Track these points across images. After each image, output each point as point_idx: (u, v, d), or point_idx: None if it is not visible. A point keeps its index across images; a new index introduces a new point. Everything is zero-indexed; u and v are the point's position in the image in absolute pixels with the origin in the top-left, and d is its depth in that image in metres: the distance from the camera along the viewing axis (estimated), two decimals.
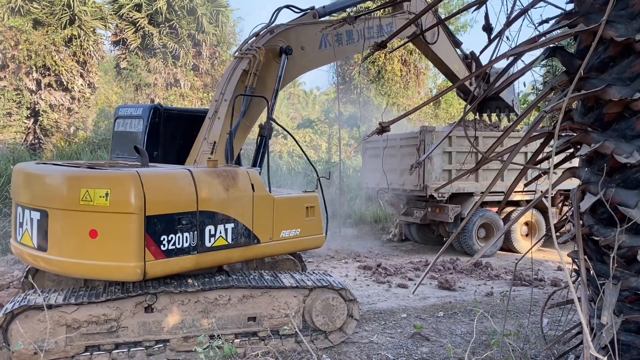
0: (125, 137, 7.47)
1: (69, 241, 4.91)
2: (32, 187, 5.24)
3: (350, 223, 16.33)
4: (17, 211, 5.38)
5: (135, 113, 7.34)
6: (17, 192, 5.45)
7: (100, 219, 4.79)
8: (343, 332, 5.92)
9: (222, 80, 6.96)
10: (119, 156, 7.41)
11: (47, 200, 5.00)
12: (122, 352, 5.17)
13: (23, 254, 5.35)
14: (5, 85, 19.18)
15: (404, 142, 12.06)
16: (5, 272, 7.93)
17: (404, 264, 10.47)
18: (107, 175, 4.95)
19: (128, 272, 4.89)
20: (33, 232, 5.09)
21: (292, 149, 23.05)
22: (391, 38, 4.85)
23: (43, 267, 5.30)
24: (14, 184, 5.61)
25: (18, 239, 5.38)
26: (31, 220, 5.09)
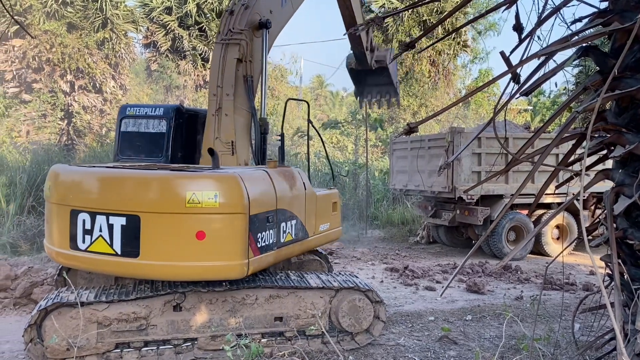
0: (141, 137, 7.09)
1: (171, 244, 4.83)
2: (113, 191, 5.01)
3: (377, 225, 16.28)
4: (79, 218, 4.99)
5: (154, 113, 7.04)
6: (81, 198, 5.08)
7: (208, 221, 4.83)
8: (369, 333, 5.90)
9: (212, 71, 6.38)
10: (132, 158, 6.95)
11: (138, 204, 4.84)
12: (151, 350, 5.25)
13: (91, 261, 5.04)
14: (41, 88, 19.70)
15: (432, 143, 11.96)
16: (40, 269, 8.13)
17: (432, 267, 10.38)
18: (215, 177, 4.99)
19: (235, 270, 4.96)
20: (114, 239, 4.87)
21: (318, 150, 23.07)
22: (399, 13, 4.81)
23: (130, 273, 5.13)
24: (72, 189, 5.16)
25: (82, 247, 5.00)
26: (110, 226, 4.87)
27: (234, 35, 6.30)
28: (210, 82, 6.34)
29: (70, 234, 5.03)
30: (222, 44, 6.30)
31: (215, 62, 6.29)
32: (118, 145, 7.13)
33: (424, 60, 24.94)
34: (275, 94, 25.00)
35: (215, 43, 6.33)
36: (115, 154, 7.16)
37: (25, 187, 13.14)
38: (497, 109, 3.75)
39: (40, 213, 12.44)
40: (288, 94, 26.83)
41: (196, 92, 23.06)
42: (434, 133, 17.09)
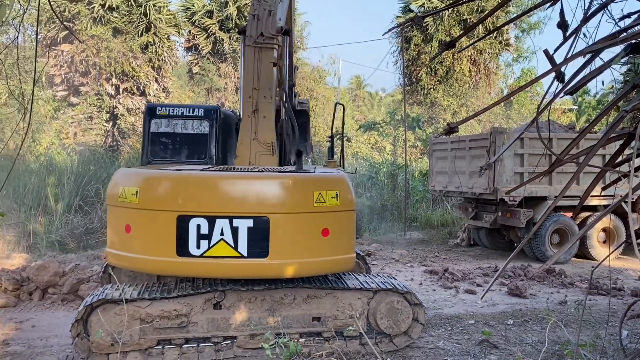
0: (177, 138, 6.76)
1: (299, 242, 5.08)
2: (236, 195, 5.04)
3: (416, 227, 16.12)
4: (190, 223, 4.91)
5: (194, 113, 6.73)
6: (194, 203, 4.98)
7: (331, 218, 5.15)
8: (408, 336, 5.85)
9: (247, 74, 6.31)
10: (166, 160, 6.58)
11: (267, 206, 4.99)
12: (192, 347, 5.35)
13: (208, 266, 5.04)
14: (87, 91, 20.36)
15: (473, 143, 11.77)
16: (86, 266, 8.40)
17: (472, 270, 10.21)
18: (334, 178, 5.40)
19: (349, 263, 5.40)
20: (239, 241, 4.94)
21: (356, 151, 23.02)
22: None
23: (257, 274, 5.20)
24: (180, 195, 4.99)
25: (195, 252, 4.94)
26: (234, 229, 4.93)
27: (267, 39, 6.33)
28: (245, 85, 6.32)
29: (177, 240, 4.91)
30: (254, 48, 6.31)
31: (249, 65, 6.31)
32: (148, 147, 6.63)
33: (464, 59, 24.57)
34: (314, 95, 25.08)
35: (247, 46, 6.29)
36: (145, 155, 6.64)
37: (73, 187, 13.61)
38: (540, 109, 3.67)
39: (87, 212, 12.86)
40: (326, 95, 26.88)
41: (236, 94, 23.36)
42: (475, 133, 16.81)
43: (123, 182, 5.19)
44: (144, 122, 6.74)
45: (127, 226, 5.07)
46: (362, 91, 50.85)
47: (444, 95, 24.81)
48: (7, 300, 7.33)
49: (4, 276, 7.63)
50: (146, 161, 6.54)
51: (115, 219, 5.29)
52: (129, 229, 5.06)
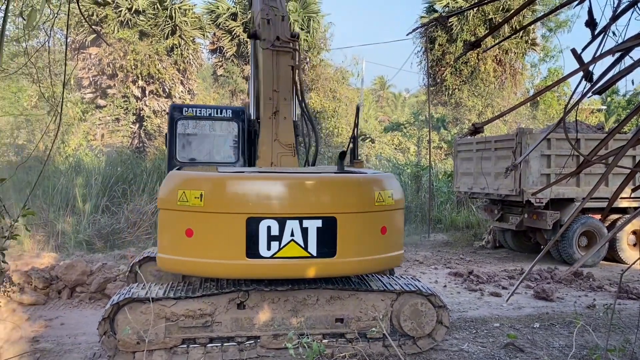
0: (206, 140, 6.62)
1: (362, 241, 5.28)
2: (307, 196, 5.18)
3: (441, 228, 15.99)
4: (261, 225, 4.99)
5: (222, 115, 6.55)
6: (265, 205, 5.05)
7: (388, 216, 5.48)
8: (432, 338, 5.81)
9: (266, 76, 6.38)
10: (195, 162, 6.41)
11: (335, 206, 5.15)
12: (216, 347, 5.40)
13: (278, 267, 5.12)
14: (114, 93, 20.71)
15: (499, 144, 11.63)
16: (113, 266, 8.55)
17: (498, 272, 10.09)
18: (388, 178, 5.78)
19: (400, 259, 5.78)
20: (309, 241, 5.05)
21: (380, 152, 22.94)
22: None
23: (325, 273, 5.31)
24: (251, 197, 5.04)
25: (265, 254, 5.02)
26: (304, 230, 5.05)
27: (283, 43, 6.46)
28: (265, 87, 6.40)
29: (247, 242, 4.96)
30: (271, 51, 6.41)
31: (268, 68, 6.39)
32: (175, 148, 6.45)
33: (490, 59, 24.29)
34: (337, 97, 25.07)
35: (264, 50, 6.37)
36: (172, 157, 6.46)
37: (100, 187, 13.86)
38: (567, 109, 3.61)
39: (114, 212, 13.07)
40: (349, 96, 26.84)
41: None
42: (501, 134, 16.61)
43: (182, 186, 5.10)
44: (169, 123, 6.50)
45: (189, 230, 5.00)
46: (385, 92, 50.66)
47: (468, 95, 24.56)
48: (37, 298, 7.49)
49: (34, 275, 7.81)
50: (173, 164, 6.35)
51: (172, 223, 5.18)
52: (191, 233, 5.00)
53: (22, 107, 20.06)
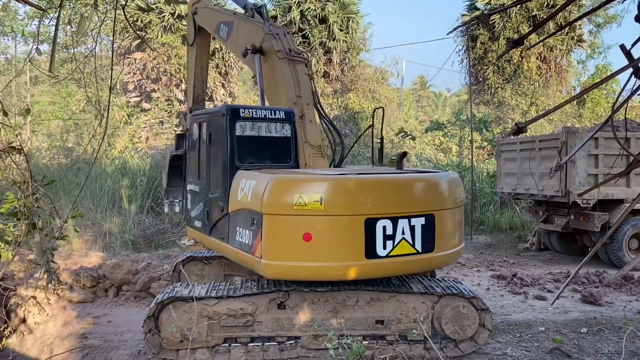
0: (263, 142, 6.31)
1: (451, 236, 5.63)
2: (413, 195, 5.40)
3: (483, 230, 15.69)
4: (377, 225, 5.07)
5: (275, 116, 6.31)
6: (381, 205, 5.14)
7: (460, 212, 5.90)
8: (474, 341, 5.71)
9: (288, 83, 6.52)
10: (254, 165, 6.10)
11: (434, 204, 5.42)
12: (257, 346, 5.47)
13: (392, 265, 5.23)
14: (159, 97, 21.23)
15: (543, 144, 11.32)
16: (157, 265, 8.76)
17: (543, 275, 9.82)
18: (459, 177, 6.13)
19: (462, 252, 6.09)
20: (416, 239, 5.25)
21: (420, 152, 22.71)
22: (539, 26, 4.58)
23: (426, 267, 5.72)
24: (368, 199, 5.09)
25: (381, 253, 5.10)
26: (412, 227, 5.22)
27: (295, 54, 6.74)
28: (289, 93, 6.55)
29: (366, 243, 5.02)
30: (288, 60, 6.64)
31: (288, 75, 6.58)
32: (235, 151, 6.03)
33: (534, 57, 23.70)
34: (376, 97, 24.97)
35: (281, 59, 6.58)
36: (232, 160, 6.02)
37: (145, 189, 14.22)
38: (616, 107, 3.49)
39: (158, 213, 13.39)
40: (389, 96, 26.70)
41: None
42: (546, 133, 16.18)
43: (298, 190, 4.99)
44: (226, 125, 6.08)
45: (307, 235, 4.96)
46: (426, 91, 50.14)
47: (512, 94, 24.03)
48: (85, 296, 7.74)
49: (83, 273, 8.08)
50: (234, 168, 5.94)
51: (286, 228, 5.04)
52: (309, 238, 4.95)
53: (71, 111, 20.82)
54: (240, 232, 5.47)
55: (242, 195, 5.41)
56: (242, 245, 5.43)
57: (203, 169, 6.46)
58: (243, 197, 5.37)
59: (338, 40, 23.27)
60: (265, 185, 5.05)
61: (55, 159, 18.15)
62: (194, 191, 6.82)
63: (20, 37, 23.76)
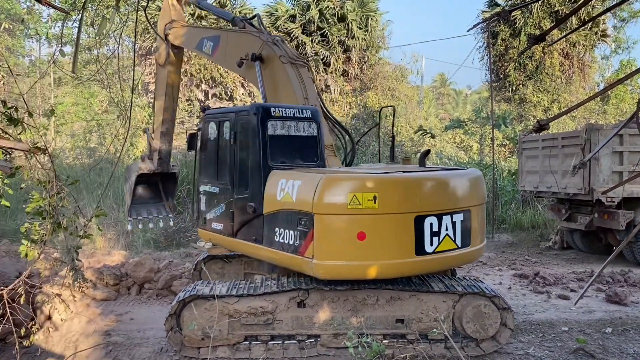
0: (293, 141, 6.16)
1: (481, 231, 5.88)
2: (455, 192, 5.55)
3: (505, 229, 15.52)
4: (425, 222, 5.16)
5: (303, 115, 6.19)
6: (428, 203, 5.25)
7: (483, 209, 6.02)
8: (496, 341, 5.66)
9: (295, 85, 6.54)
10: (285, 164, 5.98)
11: (471, 200, 5.65)
12: (277, 344, 5.50)
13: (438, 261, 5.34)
14: (179, 97, 21.42)
15: (566, 141, 11.16)
16: (178, 263, 8.85)
17: (566, 274, 9.68)
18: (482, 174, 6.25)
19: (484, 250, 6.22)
20: (457, 234, 5.40)
21: (440, 150, 22.55)
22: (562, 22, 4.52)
23: (464, 262, 5.85)
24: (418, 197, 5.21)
25: (429, 249, 5.20)
26: (453, 224, 5.37)
27: (297, 59, 6.90)
28: (297, 96, 6.59)
29: (416, 240, 5.12)
30: (292, 64, 6.72)
31: (294, 78, 6.62)
32: (268, 151, 5.85)
33: (556, 53, 23.34)
34: (396, 95, 24.84)
35: (285, 64, 6.65)
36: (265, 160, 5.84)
37: None
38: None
39: (179, 212, 13.50)
40: (408, 94, 26.52)
41: (318, 96, 23.63)
42: (569, 130, 15.94)
43: (352, 189, 5.00)
44: (258, 124, 5.88)
45: (361, 233, 4.99)
46: (446, 89, 49.73)
47: (533, 91, 23.71)
48: (109, 294, 7.86)
49: (106, 271, 8.20)
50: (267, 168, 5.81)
51: (340, 228, 5.05)
52: (364, 236, 4.98)
53: (94, 111, 21.11)
54: (282, 233, 5.39)
55: (283, 196, 5.34)
56: (284, 246, 5.35)
57: (224, 169, 6.31)
58: (285, 198, 5.31)
59: (357, 39, 23.19)
60: (316, 185, 5.04)
61: (78, 159, 18.45)
62: (211, 192, 6.59)
63: (44, 39, 24.18)
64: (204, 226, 6.75)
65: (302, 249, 5.14)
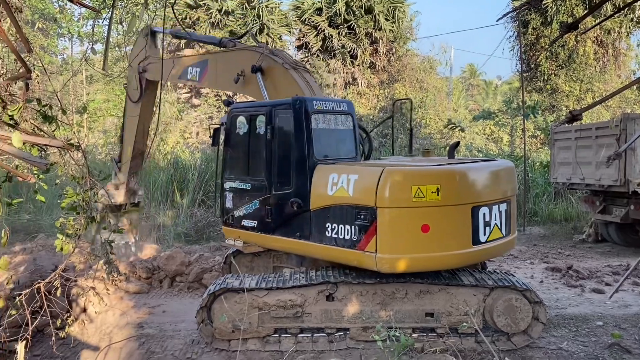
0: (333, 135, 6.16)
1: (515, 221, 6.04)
2: (502, 183, 5.73)
3: (537, 221, 15.26)
4: (480, 213, 5.29)
5: (340, 108, 6.17)
6: (482, 193, 5.40)
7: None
8: (528, 335, 5.57)
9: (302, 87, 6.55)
10: (329, 159, 5.88)
11: (511, 190, 5.86)
12: (306, 337, 5.52)
13: (489, 251, 5.49)
14: (208, 92, 21.63)
15: (600, 132, 10.89)
16: (209, 257, 8.95)
17: (600, 267, 9.46)
18: None
19: None
20: (502, 223, 5.61)
21: (470, 143, 22.26)
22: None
23: (506, 250, 6.07)
24: (474, 188, 5.34)
25: (483, 239, 5.34)
26: (500, 213, 5.55)
27: (299, 65, 7.05)
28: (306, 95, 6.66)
29: (472, 230, 5.24)
30: (294, 69, 6.80)
31: (300, 80, 6.66)
32: (312, 145, 5.73)
33: (589, 41, 22.72)
34: (424, 86, 24.59)
35: (288, 69, 6.73)
36: (308, 154, 5.71)
37: (196, 183, 14.56)
38: None
39: (209, 206, 13.68)
40: (437, 85, 26.22)
41: (345, 89, 23.56)
42: (603, 120, 15.53)
43: (416, 182, 5.01)
44: (302, 117, 5.74)
45: (425, 226, 5.03)
46: (476, 79, 48.96)
47: (566, 80, 23.15)
48: (141, 287, 8.02)
49: (138, 265, 8.35)
50: (313, 163, 5.72)
51: (405, 221, 5.07)
52: (427, 229, 5.03)
53: None
54: (335, 228, 5.37)
55: (336, 190, 5.33)
56: (338, 241, 5.34)
57: (258, 164, 6.17)
58: (339, 192, 5.31)
59: (384, 30, 23.01)
60: (378, 179, 5.05)
61: (110, 154, 18.81)
62: (240, 189, 6.43)
63: (76, 37, 24.70)
64: (232, 224, 6.60)
65: (362, 244, 5.15)
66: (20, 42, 5.71)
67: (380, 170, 5.11)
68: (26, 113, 3.75)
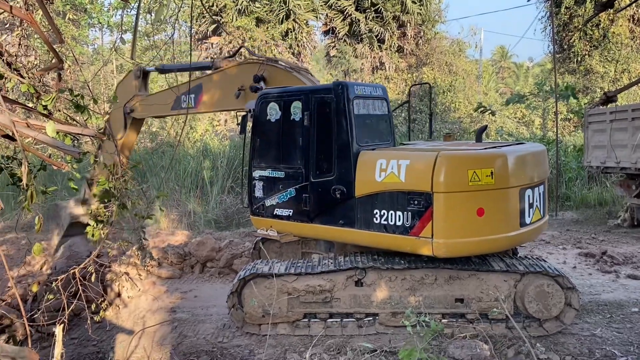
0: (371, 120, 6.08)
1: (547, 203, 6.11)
2: (540, 166, 5.82)
3: (570, 206, 14.93)
4: (526, 195, 5.41)
5: (377, 94, 6.14)
6: (527, 176, 5.46)
7: None
8: (560, 321, 5.49)
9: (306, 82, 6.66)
10: (369, 144, 5.85)
11: (546, 172, 6.01)
12: (336, 322, 5.56)
13: (532, 232, 5.61)
14: None
15: (636, 113, 10.55)
16: (239, 243, 9.06)
17: (636, 253, 9.23)
18: None
19: None
20: (541, 205, 5.78)
21: (501, 126, 21.86)
22: None
23: (541, 232, 6.09)
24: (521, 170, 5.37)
25: (527, 221, 5.45)
26: (538, 195, 5.69)
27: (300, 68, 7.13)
28: None
29: (520, 213, 5.34)
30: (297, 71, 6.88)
31: (306, 81, 6.66)
32: (354, 131, 5.65)
33: (624, 20, 21.98)
34: (453, 70, 24.20)
35: (290, 72, 6.77)
36: (351, 140, 5.63)
37: (225, 170, 14.69)
38: None
39: (238, 193, 13.81)
40: (467, 69, 25.77)
41: (373, 74, 23.37)
42: (639, 102, 15.07)
43: (472, 166, 5.05)
44: (344, 103, 5.65)
45: (480, 210, 5.08)
46: (506, 62, 47.96)
47: (600, 61, 22.50)
48: (173, 272, 8.17)
49: (170, 251, 8.51)
50: (356, 147, 5.66)
51: (462, 205, 5.10)
52: (482, 212, 5.08)
53: None
54: (385, 215, 5.36)
55: (385, 176, 5.30)
56: (389, 227, 5.32)
57: (294, 152, 6.04)
58: (388, 178, 5.28)
59: (412, 13, 22.70)
60: (434, 164, 5.07)
61: (141, 142, 19.11)
62: (272, 177, 6.25)
63: (106, 27, 25.06)
64: (262, 213, 6.42)
65: (416, 229, 5.16)
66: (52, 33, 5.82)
67: (435, 155, 5.10)
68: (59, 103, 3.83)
